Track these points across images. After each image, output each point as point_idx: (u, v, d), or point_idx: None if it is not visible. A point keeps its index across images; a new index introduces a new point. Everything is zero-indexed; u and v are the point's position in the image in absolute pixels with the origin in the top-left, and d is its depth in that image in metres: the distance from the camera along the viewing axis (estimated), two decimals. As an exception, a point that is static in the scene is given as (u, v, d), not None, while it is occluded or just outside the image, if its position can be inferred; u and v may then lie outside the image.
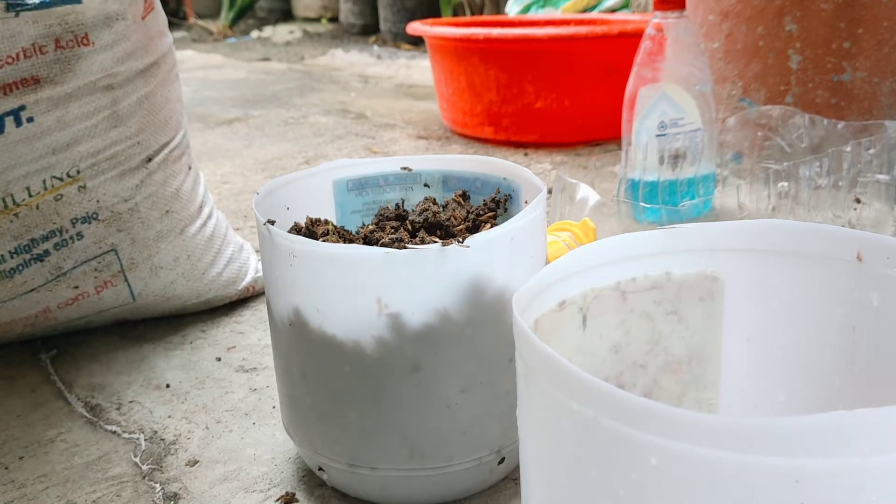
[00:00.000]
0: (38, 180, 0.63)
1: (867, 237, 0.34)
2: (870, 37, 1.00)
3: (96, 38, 0.63)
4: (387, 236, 0.47)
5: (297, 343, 0.46)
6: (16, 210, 0.62)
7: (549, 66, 1.38)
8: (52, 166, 0.63)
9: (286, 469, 0.53)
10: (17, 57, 0.60)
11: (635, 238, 0.35)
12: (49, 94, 0.62)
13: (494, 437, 0.46)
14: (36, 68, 0.61)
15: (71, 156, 0.64)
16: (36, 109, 0.62)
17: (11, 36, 0.59)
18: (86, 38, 0.62)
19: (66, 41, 0.61)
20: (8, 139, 0.61)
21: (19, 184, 0.62)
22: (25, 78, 0.60)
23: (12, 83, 0.60)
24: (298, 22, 4.14)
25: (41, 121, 0.62)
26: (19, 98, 0.61)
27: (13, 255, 0.64)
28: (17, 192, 0.63)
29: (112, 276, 0.69)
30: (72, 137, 0.64)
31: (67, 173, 0.64)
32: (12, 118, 0.61)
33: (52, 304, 0.68)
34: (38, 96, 0.61)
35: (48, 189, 0.63)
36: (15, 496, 0.52)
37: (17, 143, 0.61)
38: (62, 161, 0.64)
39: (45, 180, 0.63)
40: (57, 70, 0.62)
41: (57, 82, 0.62)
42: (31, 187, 0.63)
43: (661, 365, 0.38)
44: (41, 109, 0.62)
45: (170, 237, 0.71)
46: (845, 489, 0.21)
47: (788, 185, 0.79)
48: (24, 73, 0.60)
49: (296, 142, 1.54)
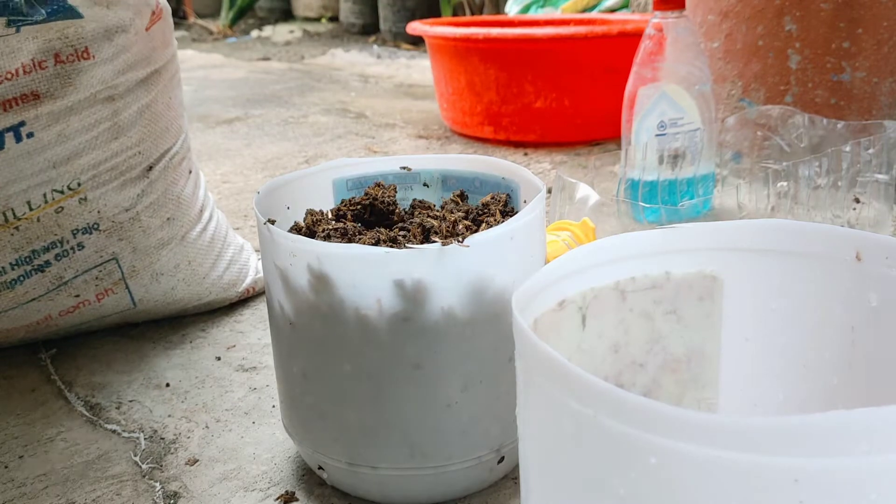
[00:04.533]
0: (38, 194, 0.63)
1: (866, 237, 0.34)
2: (869, 37, 1.00)
3: (97, 52, 0.63)
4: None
5: (297, 342, 0.46)
6: (16, 224, 0.62)
7: (549, 66, 1.38)
8: (52, 180, 0.63)
9: (286, 468, 0.53)
10: (16, 73, 0.59)
11: (635, 238, 0.35)
12: (49, 109, 0.61)
13: (494, 436, 0.47)
14: (35, 83, 0.60)
15: (72, 169, 0.63)
16: (36, 125, 0.61)
17: (11, 52, 0.59)
18: (86, 52, 0.62)
19: (66, 55, 0.61)
20: (8, 155, 0.61)
21: (20, 198, 0.62)
22: (25, 93, 0.60)
23: (12, 99, 0.60)
24: (298, 21, 4.14)
25: (41, 136, 0.61)
26: (19, 114, 0.60)
27: (14, 267, 0.64)
28: (17, 207, 0.62)
29: (113, 284, 0.69)
30: (72, 151, 0.63)
31: (68, 186, 0.63)
32: (12, 134, 0.60)
33: (53, 312, 0.68)
34: (38, 111, 0.61)
35: (49, 202, 0.62)
36: (15, 495, 0.52)
37: (17, 159, 0.61)
38: (63, 174, 0.63)
39: (45, 194, 0.63)
40: (57, 84, 0.61)
41: (57, 97, 0.61)
42: (31, 201, 0.62)
43: (660, 364, 0.38)
44: (41, 125, 0.61)
45: (171, 244, 0.71)
46: (844, 488, 0.21)
47: (788, 184, 0.79)
48: (23, 88, 0.60)
49: (296, 141, 1.54)
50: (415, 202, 0.54)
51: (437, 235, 0.46)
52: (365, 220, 0.52)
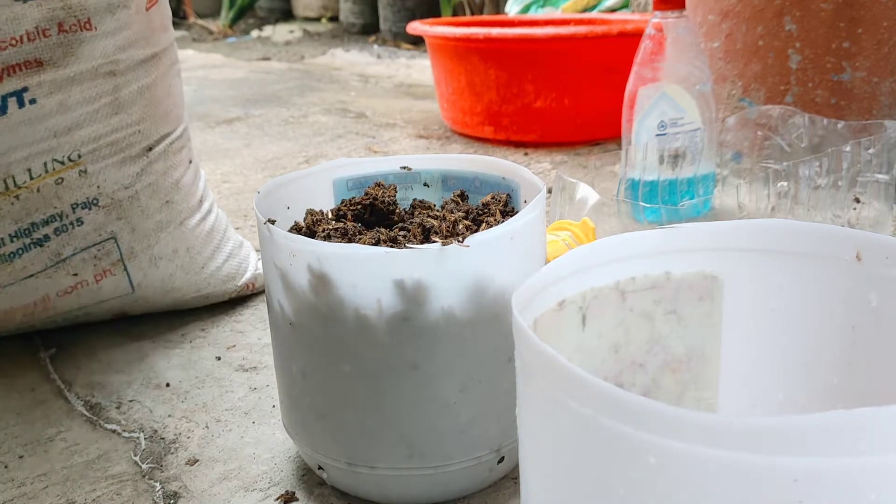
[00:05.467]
0: (39, 163, 0.64)
1: (866, 237, 0.34)
2: (869, 36, 1.00)
3: (98, 24, 0.64)
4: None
5: (296, 342, 0.46)
6: (17, 192, 0.63)
7: (549, 65, 1.38)
8: (53, 149, 0.64)
9: (286, 468, 0.53)
10: (20, 40, 0.60)
11: (635, 237, 0.35)
12: (52, 77, 0.63)
13: (493, 436, 0.47)
14: (39, 51, 0.62)
15: (72, 139, 0.64)
16: (38, 91, 0.62)
17: (16, 19, 0.60)
18: (88, 23, 0.63)
19: (69, 25, 0.62)
20: (10, 120, 0.62)
21: (20, 166, 0.63)
22: (28, 60, 0.61)
23: (15, 65, 0.61)
24: (298, 21, 4.14)
25: (43, 103, 0.63)
26: (22, 80, 0.61)
27: (13, 239, 0.65)
28: (18, 174, 0.63)
29: (111, 264, 0.69)
30: (73, 121, 0.64)
31: (69, 157, 0.64)
32: (15, 99, 0.61)
33: (51, 291, 0.68)
34: (41, 78, 0.62)
35: (49, 172, 0.64)
36: (14, 495, 0.52)
37: (18, 125, 0.62)
38: (63, 144, 0.64)
39: (46, 163, 0.64)
40: (60, 53, 0.62)
41: (59, 65, 0.63)
42: (32, 169, 0.63)
43: (660, 364, 0.38)
44: (44, 91, 0.63)
45: (169, 228, 0.72)
46: (844, 488, 0.21)
47: (788, 184, 0.79)
48: (27, 55, 0.61)
49: (296, 141, 1.54)
50: (415, 202, 0.54)
51: (437, 235, 0.46)
52: (365, 220, 0.52)
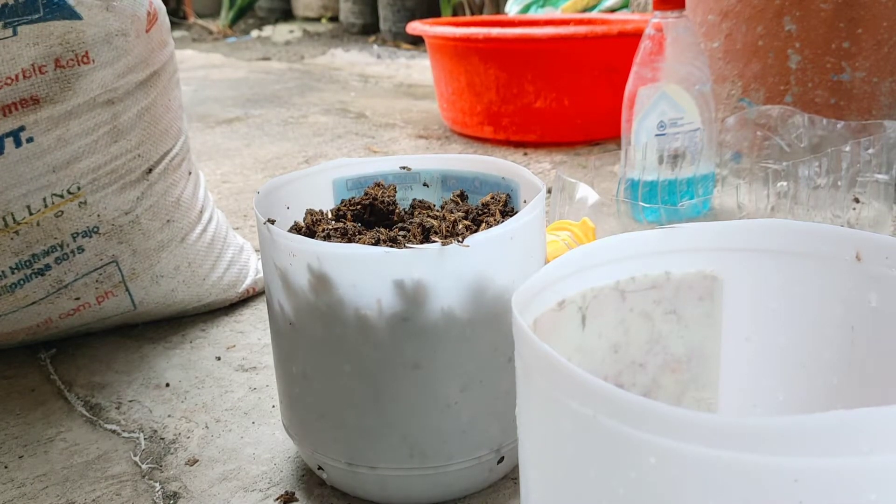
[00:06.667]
0: (38, 198, 0.62)
1: (866, 237, 0.34)
2: (869, 37, 1.00)
3: (97, 56, 0.63)
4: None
5: (296, 342, 0.46)
6: (16, 228, 0.62)
7: (549, 65, 1.38)
8: (52, 184, 0.63)
9: (286, 468, 0.53)
10: (16, 78, 0.59)
11: (634, 237, 0.35)
12: (49, 114, 0.61)
13: (494, 436, 0.46)
14: (35, 88, 0.60)
15: (71, 173, 0.63)
16: (35, 129, 0.61)
17: (11, 58, 0.59)
18: (86, 57, 0.61)
19: (66, 60, 0.61)
20: (7, 160, 0.60)
21: (19, 203, 0.62)
22: (25, 98, 0.60)
23: (11, 104, 0.60)
24: (298, 21, 4.14)
25: (41, 140, 0.61)
26: (19, 119, 0.60)
27: (14, 271, 0.64)
28: (17, 211, 0.62)
29: (113, 286, 0.69)
30: (72, 155, 0.63)
31: (68, 190, 0.63)
32: (12, 139, 0.60)
33: (53, 315, 0.68)
34: (38, 116, 0.61)
35: (48, 206, 0.62)
36: (14, 495, 0.52)
37: (16, 164, 0.61)
38: (62, 179, 0.63)
39: (45, 198, 0.63)
40: (57, 89, 0.61)
41: (57, 101, 0.61)
42: (31, 206, 0.62)
43: (660, 364, 0.38)
44: (41, 129, 0.61)
45: (171, 246, 0.71)
46: (844, 488, 0.21)
47: (787, 184, 0.79)
48: (23, 93, 0.60)
49: (296, 141, 1.54)
50: (415, 202, 0.54)
51: (437, 235, 0.46)
52: (365, 220, 0.52)
